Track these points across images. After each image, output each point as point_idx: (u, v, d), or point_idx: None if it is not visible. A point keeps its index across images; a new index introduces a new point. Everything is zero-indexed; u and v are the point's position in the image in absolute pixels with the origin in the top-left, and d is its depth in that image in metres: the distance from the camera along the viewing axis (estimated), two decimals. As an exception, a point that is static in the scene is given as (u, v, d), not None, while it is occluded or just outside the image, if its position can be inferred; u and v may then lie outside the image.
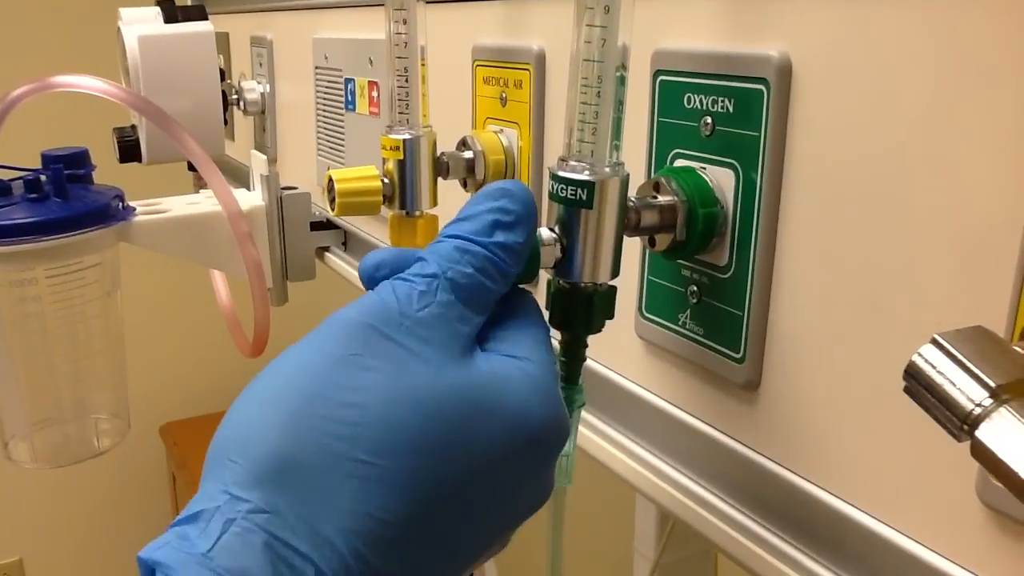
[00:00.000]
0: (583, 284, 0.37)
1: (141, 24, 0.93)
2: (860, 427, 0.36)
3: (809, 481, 0.38)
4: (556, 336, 0.39)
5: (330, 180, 0.52)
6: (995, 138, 0.30)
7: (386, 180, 0.53)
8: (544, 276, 0.38)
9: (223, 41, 1.15)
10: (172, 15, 0.94)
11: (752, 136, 0.38)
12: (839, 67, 0.35)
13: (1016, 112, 0.29)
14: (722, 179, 0.40)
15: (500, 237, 0.33)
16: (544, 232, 0.36)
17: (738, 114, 0.39)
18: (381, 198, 0.53)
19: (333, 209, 0.53)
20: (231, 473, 0.29)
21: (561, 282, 0.37)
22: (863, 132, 0.34)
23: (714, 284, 0.41)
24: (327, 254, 0.87)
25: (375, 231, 0.79)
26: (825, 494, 0.37)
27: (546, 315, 0.38)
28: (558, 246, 0.37)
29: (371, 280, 0.34)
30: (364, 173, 0.52)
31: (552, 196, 0.36)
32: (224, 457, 0.30)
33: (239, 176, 1.08)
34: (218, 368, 2.33)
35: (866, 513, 0.36)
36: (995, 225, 0.30)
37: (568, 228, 0.36)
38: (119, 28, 0.93)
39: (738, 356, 0.40)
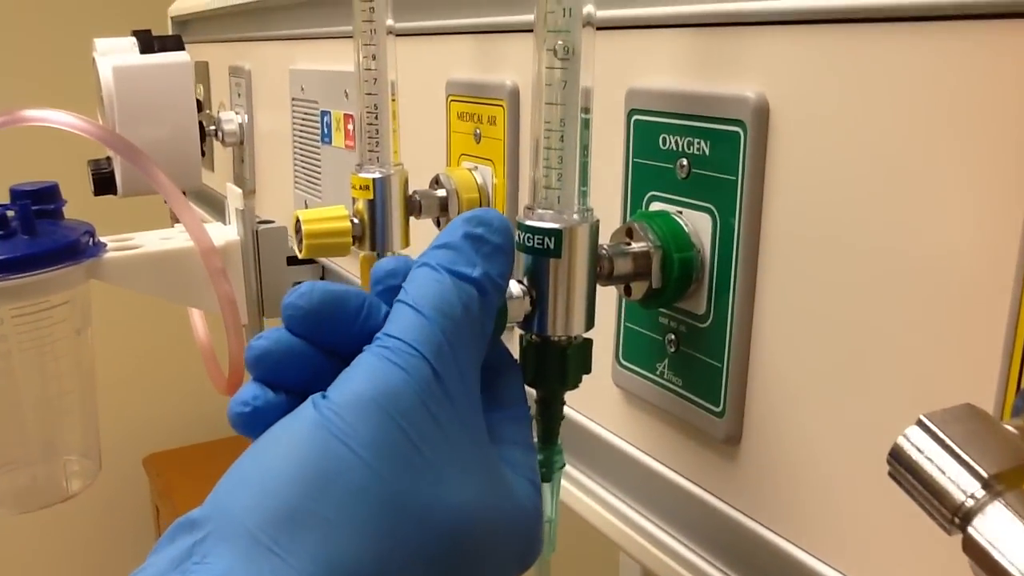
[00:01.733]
0: (556, 338, 0.35)
1: (116, 55, 0.91)
2: (846, 488, 0.34)
3: (793, 543, 0.36)
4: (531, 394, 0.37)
5: (297, 221, 0.51)
6: (981, 185, 0.28)
7: (356, 220, 0.51)
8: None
9: (203, 70, 1.13)
10: (148, 45, 0.93)
11: (729, 180, 0.36)
12: (819, 109, 0.33)
13: (1001, 159, 0.27)
14: (699, 224, 0.38)
15: (484, 267, 0.31)
16: (512, 285, 0.34)
17: (714, 157, 0.37)
18: (350, 239, 0.51)
19: (300, 251, 0.51)
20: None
21: (533, 336, 0.36)
22: (844, 177, 0.33)
23: (692, 333, 0.39)
24: (305, 289, 0.85)
25: (354, 267, 0.77)
26: (810, 558, 0.35)
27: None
28: (527, 299, 0.35)
29: (377, 283, 0.32)
30: (332, 213, 0.51)
31: (519, 246, 0.35)
32: (298, 540, 0.26)
33: (219, 207, 1.06)
34: (202, 399, 2.30)
35: (854, 579, 0.34)
36: (983, 278, 0.28)
37: (537, 279, 0.35)
38: (94, 59, 0.92)
39: (718, 409, 0.38)
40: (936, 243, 0.30)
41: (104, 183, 0.94)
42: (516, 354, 0.36)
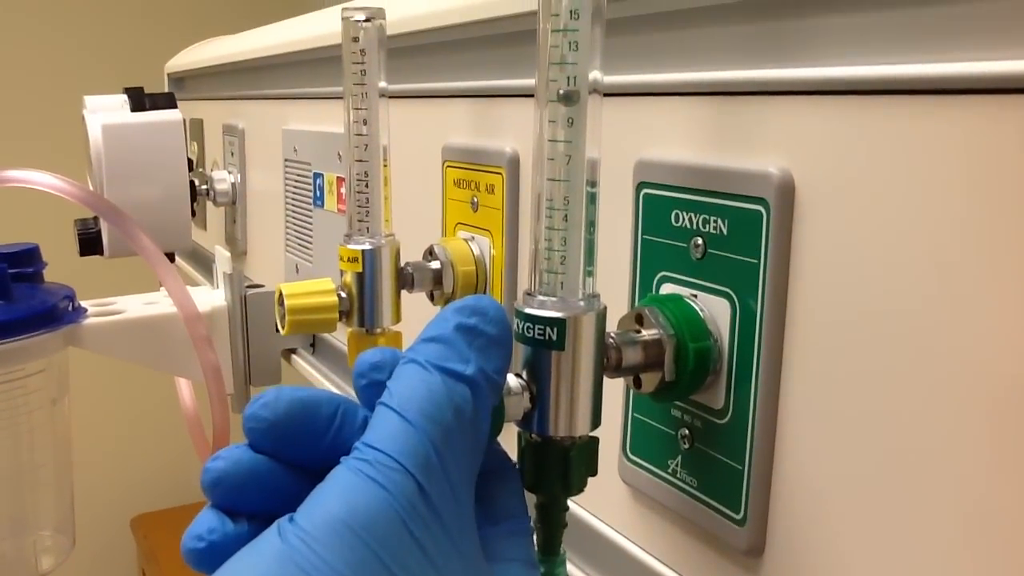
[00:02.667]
0: (558, 438, 0.31)
1: (106, 112, 0.89)
2: (887, 614, 0.30)
3: (826, 673, 0.32)
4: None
5: (280, 295, 0.47)
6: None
7: (343, 294, 0.48)
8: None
9: (197, 128, 1.11)
10: (140, 103, 0.90)
11: (750, 263, 0.33)
12: (849, 187, 0.30)
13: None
14: (716, 309, 0.35)
15: (479, 363, 0.28)
16: (510, 379, 0.31)
17: (733, 237, 0.34)
18: (336, 315, 0.47)
19: (283, 327, 0.47)
20: None
21: (532, 436, 0.32)
22: (880, 261, 0.29)
23: (709, 429, 0.35)
24: (294, 356, 0.81)
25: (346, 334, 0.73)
26: None
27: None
28: (526, 395, 0.31)
29: (360, 376, 0.29)
30: (318, 287, 0.47)
31: (517, 337, 0.31)
32: None
33: (211, 267, 1.03)
34: (192, 460, 2.24)
35: None
36: (1048, 386, 0.25)
37: (537, 373, 0.31)
38: (84, 116, 0.89)
39: (738, 517, 0.34)
40: (989, 338, 0.26)
41: (90, 244, 0.91)
42: (512, 454, 0.32)
